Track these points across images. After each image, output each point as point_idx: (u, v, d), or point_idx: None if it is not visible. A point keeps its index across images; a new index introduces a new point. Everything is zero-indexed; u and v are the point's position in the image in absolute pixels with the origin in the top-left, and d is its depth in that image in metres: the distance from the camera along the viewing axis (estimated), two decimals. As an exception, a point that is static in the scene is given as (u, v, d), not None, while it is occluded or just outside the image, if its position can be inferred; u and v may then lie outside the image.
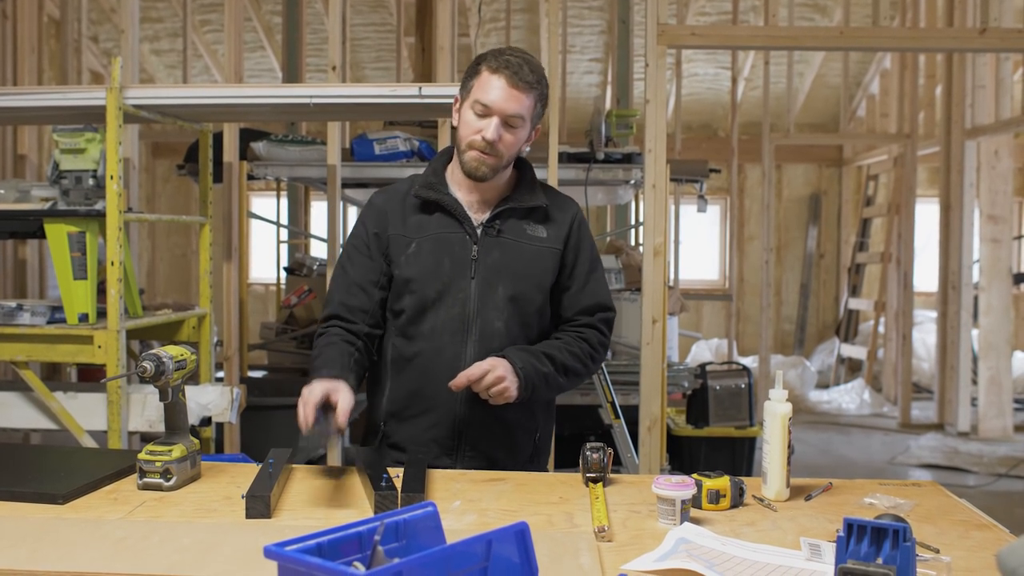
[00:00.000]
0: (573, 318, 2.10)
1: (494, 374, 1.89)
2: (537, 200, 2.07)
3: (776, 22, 6.10)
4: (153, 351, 1.71)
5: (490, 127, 1.95)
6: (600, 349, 2.12)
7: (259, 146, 4.13)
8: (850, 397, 8.03)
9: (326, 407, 1.75)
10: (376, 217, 2.07)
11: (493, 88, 1.95)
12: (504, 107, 1.95)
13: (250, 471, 1.82)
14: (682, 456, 4.91)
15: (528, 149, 2.10)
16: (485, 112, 1.96)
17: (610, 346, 2.22)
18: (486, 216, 2.04)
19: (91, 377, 5.15)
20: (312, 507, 1.63)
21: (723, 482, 1.64)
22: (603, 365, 3.92)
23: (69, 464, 1.90)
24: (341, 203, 4.18)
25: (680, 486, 1.53)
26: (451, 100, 2.93)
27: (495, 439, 2.03)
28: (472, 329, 1.99)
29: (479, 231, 2.03)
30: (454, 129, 2.07)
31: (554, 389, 2.05)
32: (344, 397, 1.78)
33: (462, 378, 1.88)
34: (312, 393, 1.76)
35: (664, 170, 3.86)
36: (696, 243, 9.43)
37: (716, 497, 1.63)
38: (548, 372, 1.99)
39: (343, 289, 2.06)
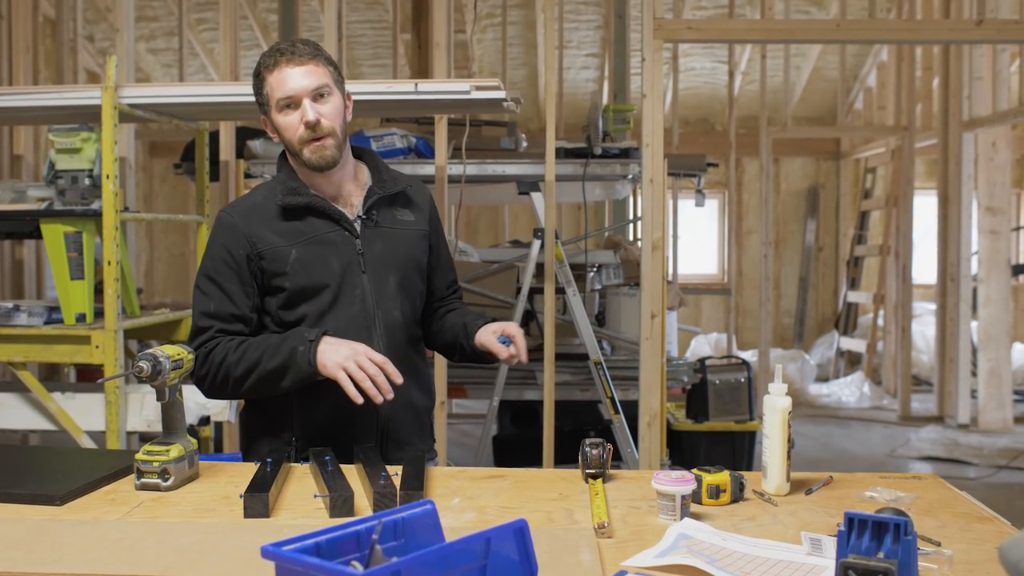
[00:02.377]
0: (445, 295, 2.22)
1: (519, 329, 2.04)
2: (399, 185, 2.10)
3: (772, 15, 6.09)
4: (150, 351, 1.71)
5: (305, 110, 1.93)
6: None
7: (256, 144, 4.12)
8: (850, 390, 8.03)
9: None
10: (237, 238, 1.97)
11: (283, 80, 1.93)
12: (303, 85, 1.93)
13: (248, 470, 1.81)
14: (682, 451, 4.91)
15: (350, 119, 2.06)
16: (292, 102, 1.94)
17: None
18: (357, 209, 2.04)
19: (89, 377, 5.14)
20: (311, 506, 1.62)
21: (723, 477, 1.63)
22: (602, 361, 3.92)
23: (67, 465, 1.89)
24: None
25: (680, 481, 1.53)
26: (448, 96, 2.94)
27: (410, 426, 2.06)
28: (375, 323, 2.00)
29: (357, 225, 2.02)
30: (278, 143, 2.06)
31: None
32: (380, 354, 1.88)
33: (518, 338, 2.02)
34: (357, 349, 1.84)
35: (662, 165, 3.85)
36: (694, 237, 9.43)
37: (716, 492, 1.62)
38: None
39: (216, 321, 1.96)
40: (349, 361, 1.82)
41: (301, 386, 1.91)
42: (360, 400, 1.80)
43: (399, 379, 1.85)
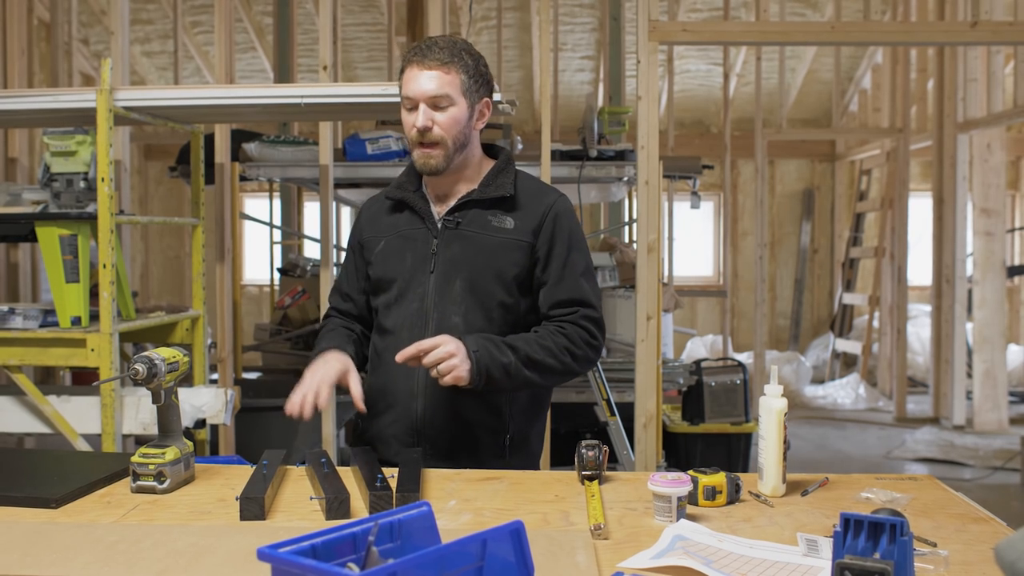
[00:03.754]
0: (550, 313, 2.02)
1: (444, 349, 1.83)
2: (503, 190, 2.01)
3: (767, 17, 6.09)
4: (145, 353, 1.70)
5: (420, 116, 1.94)
6: (584, 347, 2.00)
7: (251, 147, 4.11)
8: (845, 392, 8.04)
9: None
10: (358, 224, 2.18)
11: (409, 80, 1.97)
12: (423, 90, 1.94)
13: (244, 473, 1.81)
14: (678, 453, 4.91)
15: (482, 126, 2.04)
16: (411, 105, 1.97)
17: (602, 346, 2.11)
18: (447, 210, 2.03)
19: (84, 380, 5.13)
20: (307, 508, 1.62)
21: (719, 478, 1.63)
22: (598, 362, 3.92)
23: (62, 468, 1.89)
24: (334, 203, 4.16)
25: (676, 483, 1.53)
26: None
27: (454, 438, 2.00)
28: (429, 324, 1.99)
29: (439, 225, 2.02)
30: None
31: (519, 382, 1.94)
32: (354, 378, 1.93)
33: (411, 348, 1.84)
34: (318, 374, 1.90)
35: (657, 167, 3.85)
36: (690, 239, 9.43)
37: (712, 493, 1.62)
38: (508, 363, 1.90)
39: (337, 296, 2.21)
40: (308, 377, 1.92)
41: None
42: (290, 410, 1.88)
43: (322, 406, 1.90)
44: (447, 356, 1.83)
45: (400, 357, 1.84)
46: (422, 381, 1.99)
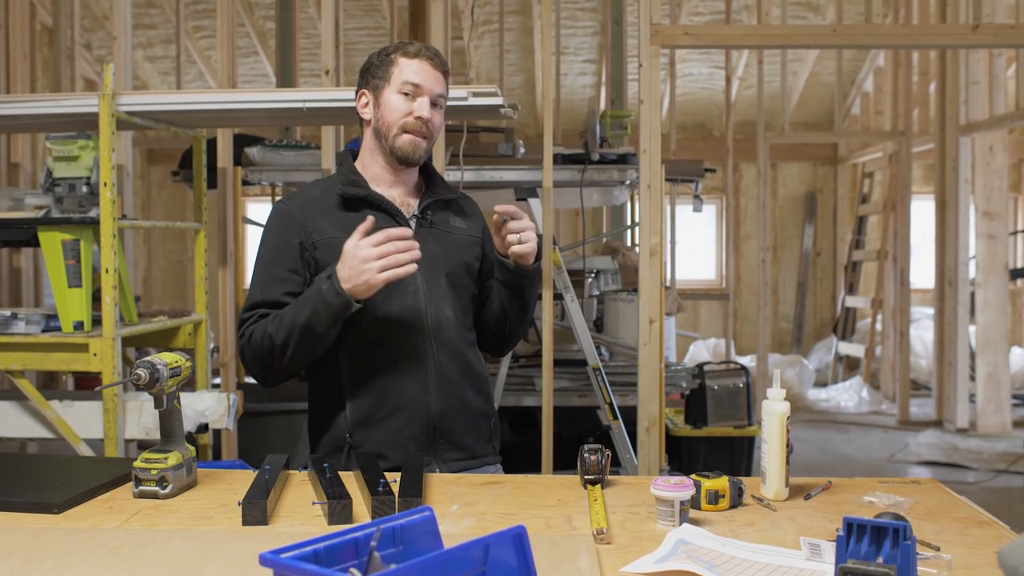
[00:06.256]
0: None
1: (529, 222, 1.99)
2: (451, 193, 2.16)
3: (769, 21, 6.09)
4: (147, 358, 1.70)
5: (424, 106, 1.99)
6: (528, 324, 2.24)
7: (253, 151, 4.12)
8: (848, 395, 8.03)
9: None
10: (292, 226, 2.02)
11: (419, 69, 2.01)
12: (432, 86, 2.02)
13: (247, 478, 1.81)
14: (681, 456, 4.90)
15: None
16: (416, 92, 2.00)
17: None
18: (413, 209, 2.09)
19: (87, 385, 5.13)
20: (309, 513, 1.62)
21: (722, 482, 1.63)
22: (601, 366, 3.92)
23: (64, 473, 1.88)
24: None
25: (679, 487, 1.52)
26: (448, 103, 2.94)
27: (465, 427, 2.06)
28: (428, 319, 2.01)
29: (412, 223, 2.06)
30: (361, 125, 2.12)
31: (531, 298, 2.15)
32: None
33: (511, 206, 1.96)
34: (371, 241, 1.83)
35: (659, 170, 3.85)
36: (692, 243, 9.44)
37: (715, 497, 1.62)
38: (539, 271, 2.13)
39: (262, 304, 1.99)
40: (368, 263, 1.82)
41: (336, 327, 1.91)
42: (413, 268, 1.84)
43: (416, 250, 1.86)
44: (531, 228, 1.99)
45: (501, 208, 1.95)
46: (434, 376, 2.01)
